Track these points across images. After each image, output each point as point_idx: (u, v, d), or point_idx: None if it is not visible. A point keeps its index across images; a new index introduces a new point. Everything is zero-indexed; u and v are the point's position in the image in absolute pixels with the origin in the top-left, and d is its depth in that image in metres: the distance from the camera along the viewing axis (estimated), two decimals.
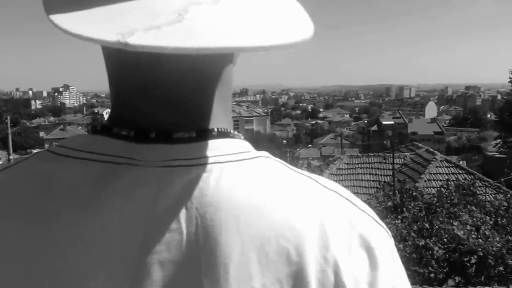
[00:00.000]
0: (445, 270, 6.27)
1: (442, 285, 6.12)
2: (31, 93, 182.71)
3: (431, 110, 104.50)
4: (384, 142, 30.42)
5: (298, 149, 47.90)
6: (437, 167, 13.52)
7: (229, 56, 0.49)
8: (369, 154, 16.15)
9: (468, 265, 6.04)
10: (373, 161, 15.01)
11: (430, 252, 6.23)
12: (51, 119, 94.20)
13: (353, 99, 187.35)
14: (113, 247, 0.42)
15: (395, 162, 13.92)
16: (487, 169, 21.74)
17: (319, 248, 0.43)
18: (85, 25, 0.37)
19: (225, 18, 0.38)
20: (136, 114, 0.46)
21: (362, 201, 0.51)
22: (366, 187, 13.60)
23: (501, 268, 5.97)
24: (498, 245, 5.98)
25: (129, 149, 0.45)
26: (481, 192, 9.98)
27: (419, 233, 6.68)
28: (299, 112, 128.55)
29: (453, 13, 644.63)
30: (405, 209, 7.40)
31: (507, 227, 6.73)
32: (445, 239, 6.36)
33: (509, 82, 30.90)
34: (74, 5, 0.38)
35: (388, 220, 7.06)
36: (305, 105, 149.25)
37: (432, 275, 6.07)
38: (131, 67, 0.46)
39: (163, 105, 0.46)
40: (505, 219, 6.97)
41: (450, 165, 13.79)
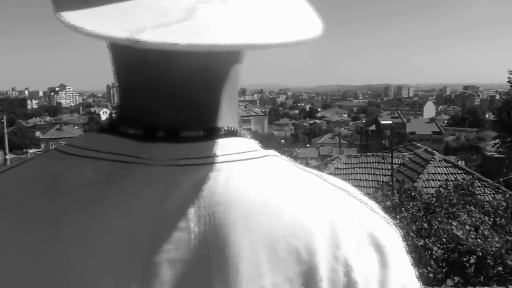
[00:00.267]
0: (444, 270, 6.26)
1: (441, 285, 6.12)
2: (27, 92, 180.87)
3: (430, 110, 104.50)
4: (382, 142, 30.46)
5: (296, 149, 48.04)
6: (435, 167, 13.50)
7: (236, 55, 0.49)
8: (368, 154, 16.12)
9: (467, 265, 6.04)
10: (371, 161, 14.98)
11: (429, 252, 6.22)
12: (47, 118, 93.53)
13: (351, 98, 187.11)
14: (121, 246, 0.42)
15: (394, 162, 13.94)
16: (486, 169, 21.82)
17: (329, 246, 0.43)
18: (94, 22, 0.36)
19: (233, 16, 0.38)
20: (143, 112, 0.46)
21: None
22: (364, 187, 13.54)
23: (500, 268, 5.96)
24: (497, 245, 5.97)
25: (137, 148, 0.45)
26: (480, 192, 9.97)
27: (418, 233, 6.67)
28: (297, 111, 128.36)
29: (452, 13, 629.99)
30: (403, 209, 7.37)
31: (506, 227, 6.72)
32: (444, 239, 6.36)
33: (508, 82, 30.91)
34: (82, 3, 0.38)
35: None
36: (303, 104, 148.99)
37: (431, 275, 6.07)
38: (139, 65, 0.45)
39: (171, 103, 0.46)
40: (504, 219, 6.96)
41: (448, 165, 13.76)
